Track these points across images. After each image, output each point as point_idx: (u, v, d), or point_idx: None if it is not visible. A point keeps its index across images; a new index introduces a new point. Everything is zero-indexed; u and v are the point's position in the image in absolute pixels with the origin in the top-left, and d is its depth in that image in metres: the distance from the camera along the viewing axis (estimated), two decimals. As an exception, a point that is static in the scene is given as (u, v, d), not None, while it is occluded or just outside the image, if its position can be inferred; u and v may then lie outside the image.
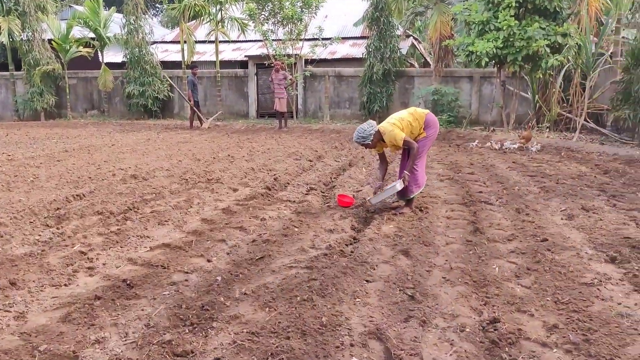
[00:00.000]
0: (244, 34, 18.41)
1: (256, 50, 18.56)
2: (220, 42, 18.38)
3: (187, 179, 7.02)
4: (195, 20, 18.76)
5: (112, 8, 19.62)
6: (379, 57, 15.54)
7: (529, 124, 10.89)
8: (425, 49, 22.32)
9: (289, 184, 6.91)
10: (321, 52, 17.08)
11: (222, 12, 17.83)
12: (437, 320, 2.95)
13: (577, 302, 3.11)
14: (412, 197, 5.41)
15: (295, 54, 16.56)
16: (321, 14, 17.46)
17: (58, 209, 5.33)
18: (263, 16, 16.48)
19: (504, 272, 3.65)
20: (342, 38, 17.68)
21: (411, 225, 4.89)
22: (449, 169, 8.11)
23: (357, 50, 18.38)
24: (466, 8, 12.55)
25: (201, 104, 17.30)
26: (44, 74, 18.24)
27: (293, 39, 16.34)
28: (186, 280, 3.54)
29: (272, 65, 15.32)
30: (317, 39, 16.41)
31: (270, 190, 6.42)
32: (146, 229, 4.75)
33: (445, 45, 14.40)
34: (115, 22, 18.91)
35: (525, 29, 11.24)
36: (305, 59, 17.08)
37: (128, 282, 3.43)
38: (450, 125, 14.21)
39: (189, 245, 4.25)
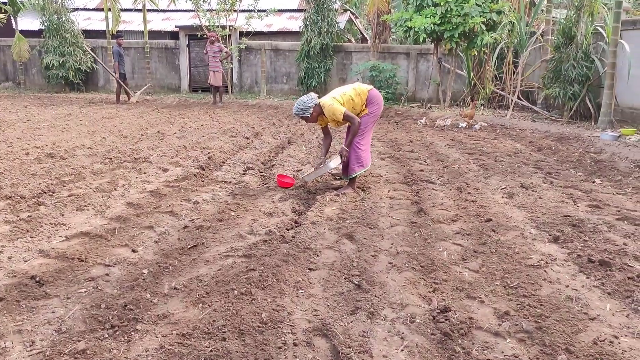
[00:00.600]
0: (174, 2, 17.38)
1: (188, 20, 17.62)
2: (148, 10, 17.27)
3: (111, 158, 6.44)
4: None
5: (27, -30, 17.90)
6: (317, 31, 15.15)
7: (474, 102, 10.93)
8: (362, 24, 22.15)
9: (224, 163, 6.52)
10: (257, 25, 16.44)
11: (150, -22, 16.72)
12: (385, 311, 2.75)
13: (525, 286, 3.01)
14: (354, 175, 5.21)
15: (230, 26, 15.85)
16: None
17: (-42, 193, 4.69)
18: (194, -17, 15.60)
19: (451, 255, 3.51)
20: (279, 10, 17.11)
21: (354, 206, 4.68)
22: (390, 147, 8.00)
23: (294, 23, 17.88)
24: (404, -18, 12.41)
25: (129, 77, 16.26)
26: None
27: (227, 9, 15.61)
28: (107, 274, 3.14)
29: (206, 36, 14.58)
30: (252, 10, 15.77)
31: (204, 170, 6.00)
32: (62, 215, 4.24)
33: (383, 21, 14.24)
34: (30, -15, 17.26)
35: (462, 5, 11.28)
36: (240, 31, 16.41)
37: (37, 279, 2.98)
38: (389, 102, 14.14)
39: (111, 233, 3.82)
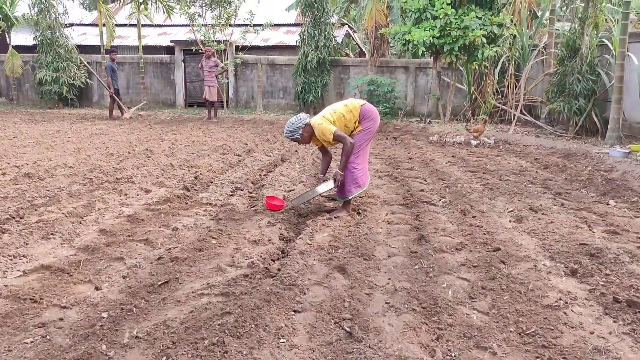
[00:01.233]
0: (170, 17, 17.14)
1: (183, 35, 17.34)
2: (144, 25, 17.03)
3: (91, 179, 6.05)
4: (114, 2, 17.25)
5: (20, -15, 17.69)
6: (314, 45, 14.85)
7: (484, 118, 10.45)
8: (360, 38, 21.92)
9: (211, 182, 6.12)
10: (253, 39, 16.18)
11: (145, -7, 16.48)
12: (381, 367, 2.34)
13: (544, 332, 2.60)
14: (350, 197, 4.82)
15: (225, 40, 15.58)
16: (252, -2, 16.60)
17: None
18: (189, -2, 15.38)
19: (456, 293, 3.10)
20: (275, 25, 16.86)
21: (348, 232, 4.27)
22: (387, 164, 7.61)
23: (290, 37, 17.63)
24: (402, -5, 12.12)
25: (124, 92, 15.97)
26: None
27: (222, 23, 15.36)
28: (61, 319, 2.72)
29: (201, 51, 14.29)
30: (248, 24, 15.51)
31: (189, 191, 5.61)
32: (26, 244, 3.83)
33: (381, 35, 13.96)
34: (24, 1, 17.00)
35: (462, 17, 10.99)
36: (236, 46, 16.13)
37: (-22, 326, 2.58)
38: (387, 116, 13.80)
39: (75, 266, 3.41)
